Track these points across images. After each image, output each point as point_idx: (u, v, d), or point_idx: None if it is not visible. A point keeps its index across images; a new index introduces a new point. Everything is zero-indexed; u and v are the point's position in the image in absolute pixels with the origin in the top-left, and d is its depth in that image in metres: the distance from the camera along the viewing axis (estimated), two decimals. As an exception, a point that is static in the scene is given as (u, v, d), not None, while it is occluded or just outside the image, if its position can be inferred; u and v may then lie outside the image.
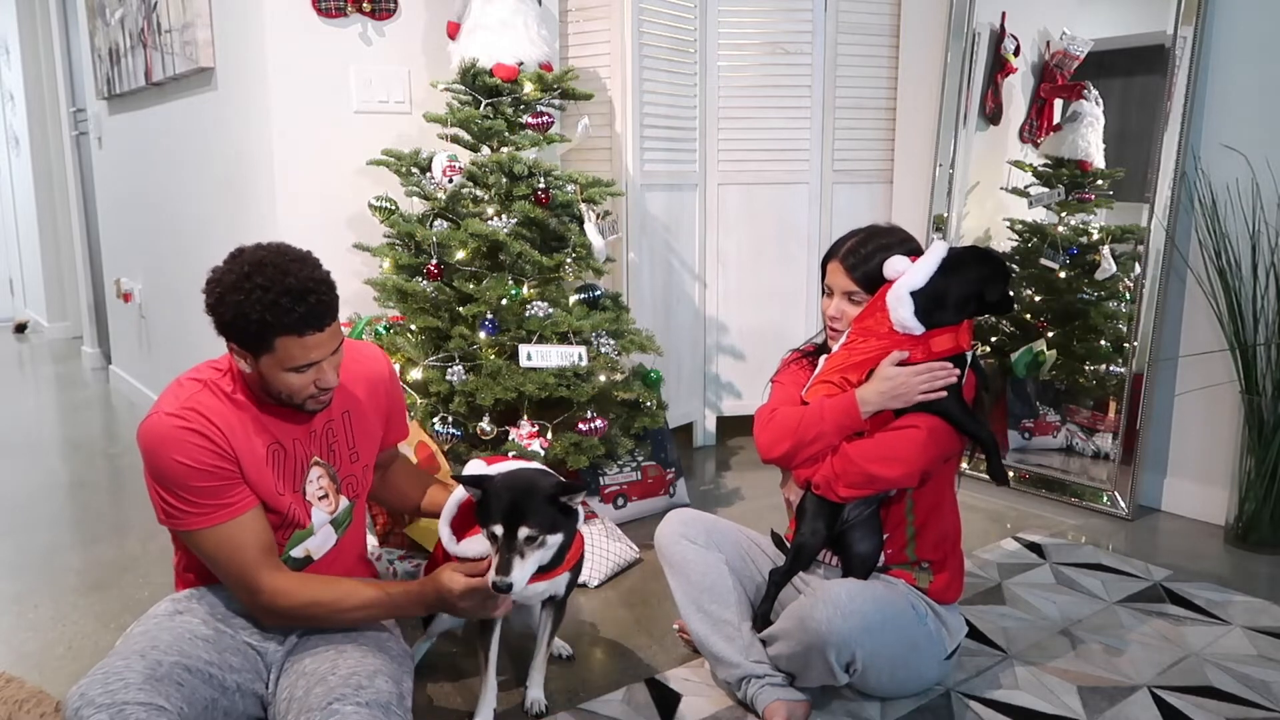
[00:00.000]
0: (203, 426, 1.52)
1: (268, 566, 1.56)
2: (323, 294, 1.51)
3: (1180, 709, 1.84)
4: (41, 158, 6.07)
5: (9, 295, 7.25)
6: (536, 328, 2.51)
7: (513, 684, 1.94)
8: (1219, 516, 2.82)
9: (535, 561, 1.58)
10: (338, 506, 1.70)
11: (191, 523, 1.54)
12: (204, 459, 1.51)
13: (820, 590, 1.71)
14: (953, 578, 1.87)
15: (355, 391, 1.73)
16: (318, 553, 1.70)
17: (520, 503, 1.57)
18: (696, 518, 1.99)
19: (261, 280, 1.47)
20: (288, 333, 1.49)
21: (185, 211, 3.63)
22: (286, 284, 1.47)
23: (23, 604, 2.38)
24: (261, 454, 1.59)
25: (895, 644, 1.75)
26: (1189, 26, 2.78)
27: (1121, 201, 3.04)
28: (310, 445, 1.66)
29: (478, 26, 2.69)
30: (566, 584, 1.76)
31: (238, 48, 3.02)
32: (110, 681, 1.36)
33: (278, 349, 1.50)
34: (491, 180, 2.60)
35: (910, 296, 1.73)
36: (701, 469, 3.44)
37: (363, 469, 1.76)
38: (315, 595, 1.58)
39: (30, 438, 4.01)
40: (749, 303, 3.58)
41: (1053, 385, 3.23)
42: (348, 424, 1.72)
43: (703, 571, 1.88)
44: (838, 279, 1.87)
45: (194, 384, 1.58)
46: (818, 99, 3.49)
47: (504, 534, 1.56)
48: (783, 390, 1.92)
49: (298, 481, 1.65)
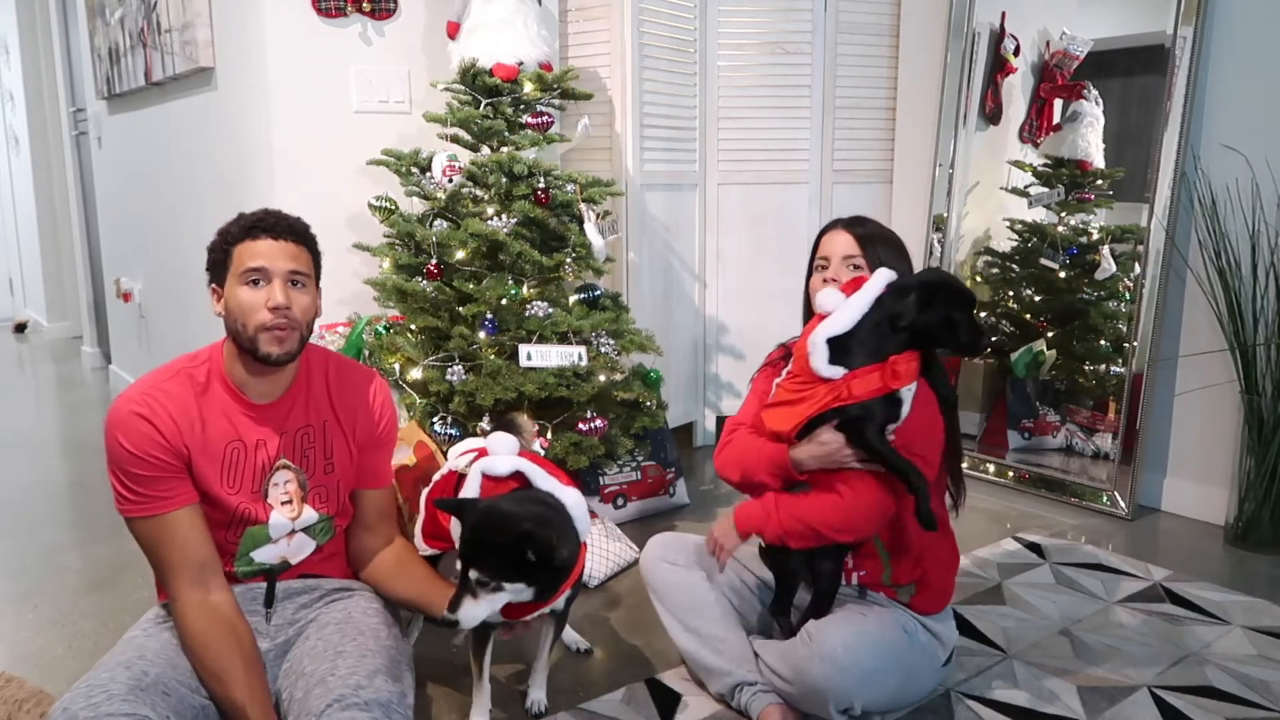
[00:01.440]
0: (154, 415, 1.52)
1: (189, 580, 1.53)
2: (285, 216, 1.61)
3: (1180, 709, 1.84)
4: (41, 158, 6.07)
5: (9, 295, 7.25)
6: (536, 328, 2.51)
7: (515, 680, 1.94)
8: (1219, 516, 2.82)
9: (490, 605, 1.53)
10: (300, 514, 1.66)
11: (131, 510, 1.54)
12: (147, 448, 1.51)
13: (816, 640, 1.67)
14: (938, 590, 1.84)
15: (342, 408, 1.71)
16: (294, 558, 1.68)
17: (479, 544, 1.52)
18: (676, 540, 1.98)
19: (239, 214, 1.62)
20: (244, 238, 1.57)
21: (185, 211, 3.63)
22: (259, 210, 1.62)
23: (23, 604, 2.38)
24: (218, 449, 1.58)
25: (893, 680, 1.73)
26: (1189, 26, 2.78)
27: (1121, 201, 3.05)
28: (278, 447, 1.63)
29: (478, 26, 2.69)
30: (566, 599, 1.73)
31: (238, 48, 3.02)
32: (94, 694, 1.34)
33: (234, 259, 1.57)
34: (491, 180, 2.60)
35: (826, 344, 1.64)
36: (701, 469, 3.44)
37: (336, 484, 1.71)
38: (202, 650, 1.50)
39: (30, 438, 4.01)
40: (749, 303, 3.58)
41: (1053, 385, 3.23)
42: (325, 435, 1.69)
43: (685, 591, 1.88)
44: (836, 245, 1.83)
45: (166, 371, 1.60)
46: (817, 99, 3.49)
47: (460, 570, 1.53)
48: (754, 400, 1.89)
49: (257, 482, 1.62)
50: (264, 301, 1.55)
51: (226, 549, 1.63)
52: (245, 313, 1.55)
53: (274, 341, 1.56)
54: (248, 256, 1.56)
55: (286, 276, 1.57)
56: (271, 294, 1.55)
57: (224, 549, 1.62)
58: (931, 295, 1.64)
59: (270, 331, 1.55)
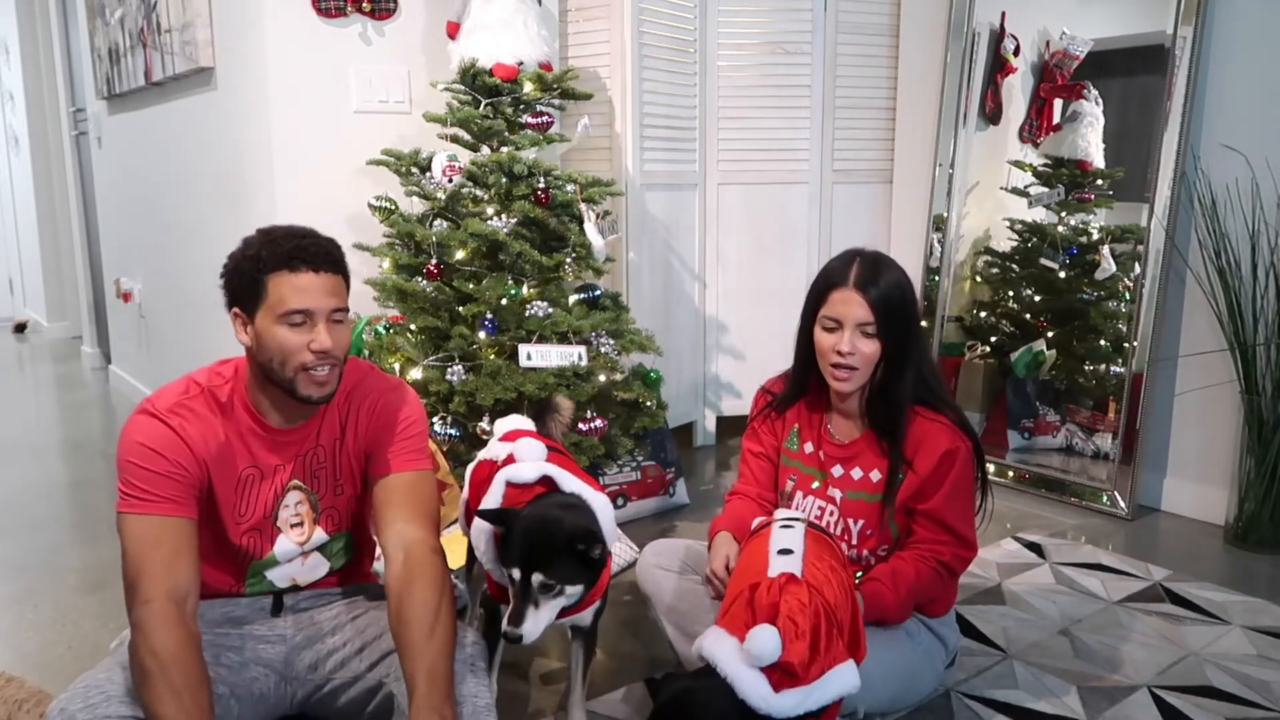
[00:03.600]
0: (181, 428, 1.47)
1: (167, 591, 1.39)
2: (319, 239, 1.50)
3: (1180, 709, 1.84)
4: (41, 158, 6.07)
5: (9, 295, 7.25)
6: (536, 327, 2.51)
7: (517, 681, 1.94)
8: (1219, 516, 2.82)
9: (551, 612, 1.51)
10: (310, 537, 1.61)
11: (131, 505, 1.45)
12: (167, 450, 1.45)
13: None
14: (942, 595, 1.85)
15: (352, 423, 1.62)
16: (304, 580, 1.64)
17: (538, 549, 1.49)
18: (669, 545, 1.98)
19: (271, 231, 1.50)
20: (279, 267, 1.45)
21: (185, 211, 3.63)
22: (290, 228, 1.50)
23: (23, 604, 2.38)
24: (234, 472, 1.53)
25: (895, 684, 1.74)
26: (1189, 26, 2.78)
27: (1121, 201, 3.05)
28: (291, 470, 1.58)
29: (477, 26, 2.69)
30: (594, 612, 1.69)
31: (237, 48, 3.02)
32: (90, 695, 1.34)
33: (269, 291, 1.45)
34: (491, 180, 2.60)
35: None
36: (701, 469, 3.44)
37: (347, 502, 1.65)
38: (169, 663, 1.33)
39: (30, 438, 4.00)
40: (749, 302, 3.58)
41: (1053, 385, 3.23)
42: (334, 454, 1.62)
43: (678, 595, 1.88)
44: (851, 308, 1.70)
45: (193, 386, 1.53)
46: (817, 99, 3.49)
47: (520, 580, 1.49)
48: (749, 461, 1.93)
49: (269, 507, 1.57)
50: (307, 344, 1.46)
51: (236, 574, 1.60)
52: (285, 354, 1.46)
53: (314, 385, 1.49)
54: (289, 294, 1.44)
55: (329, 315, 1.48)
56: (317, 337, 1.46)
57: (232, 573, 1.60)
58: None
59: (310, 373, 1.48)
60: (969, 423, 1.80)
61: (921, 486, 1.73)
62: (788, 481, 1.89)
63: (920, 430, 1.74)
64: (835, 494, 1.81)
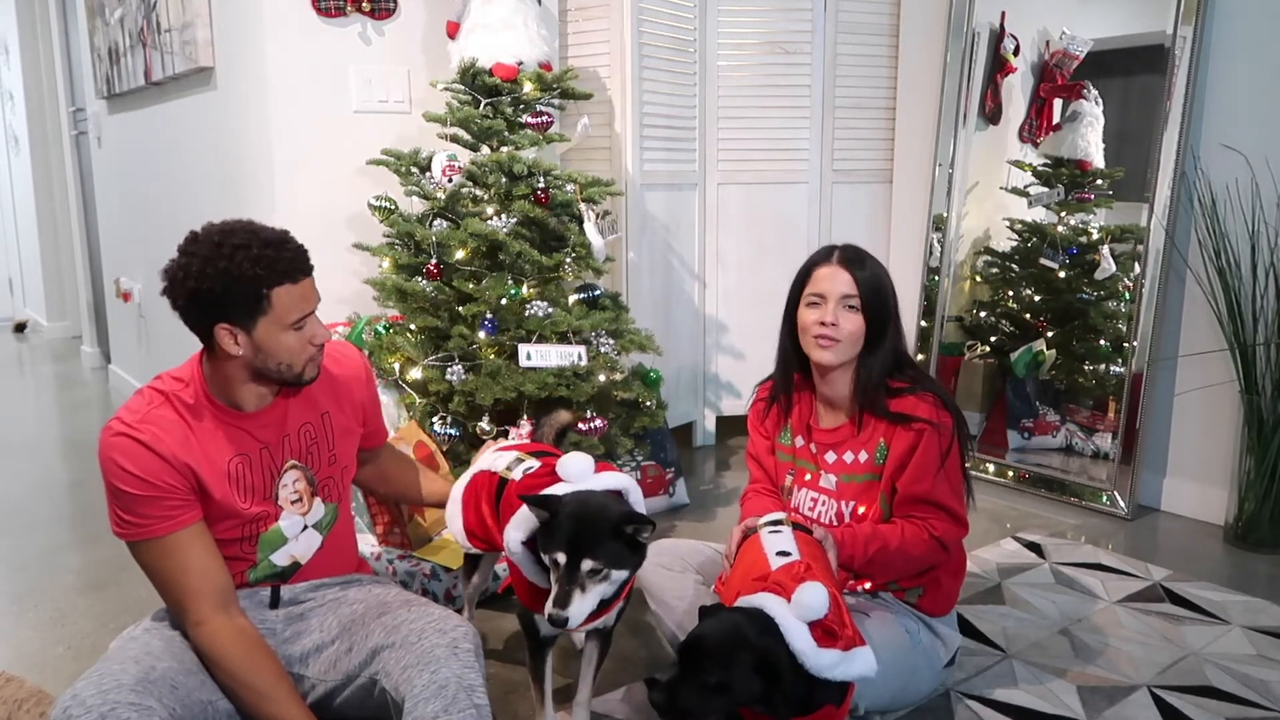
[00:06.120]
0: (154, 441, 1.49)
1: (212, 604, 1.51)
2: (295, 242, 1.55)
3: (1180, 709, 1.85)
4: (41, 157, 6.07)
5: (9, 295, 7.25)
6: (536, 327, 2.51)
7: (519, 675, 1.94)
8: (1218, 516, 2.82)
9: (596, 596, 1.49)
10: (310, 509, 1.66)
11: (132, 533, 1.51)
12: (149, 466, 1.48)
13: None
14: (946, 592, 1.86)
15: (335, 391, 1.71)
16: (304, 557, 1.67)
17: (587, 533, 1.47)
18: (670, 545, 2.01)
19: (237, 240, 1.48)
20: (281, 281, 1.49)
21: (185, 211, 3.63)
22: (263, 237, 1.50)
23: (23, 604, 2.38)
24: (223, 468, 1.55)
25: (895, 681, 1.74)
26: (1189, 26, 2.78)
27: (1121, 201, 3.05)
28: (284, 451, 1.62)
29: (477, 26, 2.69)
30: (617, 613, 1.68)
31: (237, 47, 3.02)
32: (104, 682, 1.35)
33: (274, 304, 1.49)
34: (491, 180, 2.60)
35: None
36: (701, 468, 3.44)
37: (341, 471, 1.72)
38: (246, 672, 1.48)
39: (30, 437, 4.00)
40: (749, 302, 3.58)
41: (1052, 385, 3.23)
42: (327, 425, 1.68)
43: (678, 594, 1.89)
44: (835, 283, 1.77)
45: (156, 395, 1.55)
46: (817, 99, 3.49)
47: (566, 564, 1.48)
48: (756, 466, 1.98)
49: (268, 489, 1.61)
50: (309, 339, 1.56)
51: (245, 560, 1.62)
52: (294, 354, 1.54)
53: (316, 366, 1.60)
54: (297, 303, 1.52)
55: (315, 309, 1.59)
56: (316, 331, 1.57)
57: (241, 560, 1.61)
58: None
59: (313, 361, 1.59)
60: (952, 400, 1.82)
61: (905, 459, 1.75)
62: (786, 476, 1.92)
63: (901, 405, 1.77)
64: (830, 481, 1.84)
